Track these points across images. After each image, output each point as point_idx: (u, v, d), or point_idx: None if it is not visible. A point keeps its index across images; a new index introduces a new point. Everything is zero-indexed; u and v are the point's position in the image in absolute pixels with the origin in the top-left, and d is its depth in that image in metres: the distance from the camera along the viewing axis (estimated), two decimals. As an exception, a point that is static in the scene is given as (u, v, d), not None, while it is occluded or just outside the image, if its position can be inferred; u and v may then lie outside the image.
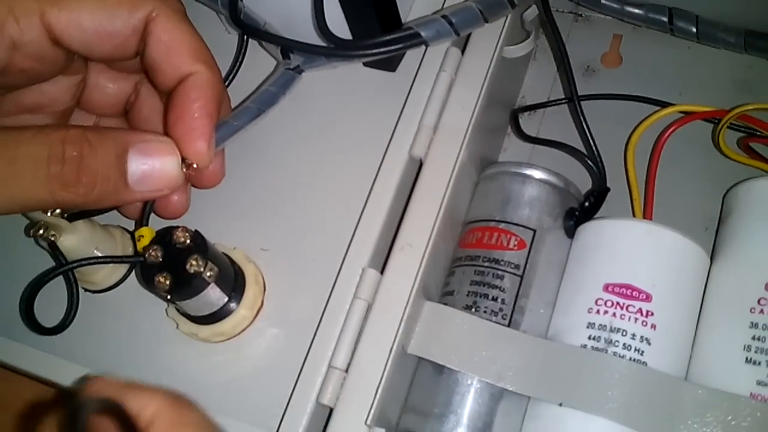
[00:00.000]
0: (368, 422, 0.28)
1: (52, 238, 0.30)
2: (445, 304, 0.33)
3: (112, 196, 0.26)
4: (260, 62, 0.36)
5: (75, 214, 0.30)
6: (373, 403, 0.28)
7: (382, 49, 0.32)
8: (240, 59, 0.35)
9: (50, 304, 0.31)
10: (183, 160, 0.27)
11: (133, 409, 0.19)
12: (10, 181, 0.24)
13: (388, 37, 0.32)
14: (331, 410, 0.28)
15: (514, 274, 0.33)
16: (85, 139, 0.24)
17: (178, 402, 0.20)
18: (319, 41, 0.33)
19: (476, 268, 0.34)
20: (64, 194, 0.24)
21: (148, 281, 0.28)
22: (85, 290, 0.32)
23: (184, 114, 0.27)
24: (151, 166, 0.25)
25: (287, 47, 0.34)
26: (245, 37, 0.35)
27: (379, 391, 0.28)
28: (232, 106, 0.33)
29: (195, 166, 0.27)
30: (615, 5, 0.41)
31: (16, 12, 0.25)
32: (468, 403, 0.31)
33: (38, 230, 0.30)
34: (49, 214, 0.30)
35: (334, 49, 0.33)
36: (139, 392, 0.20)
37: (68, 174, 0.24)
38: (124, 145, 0.25)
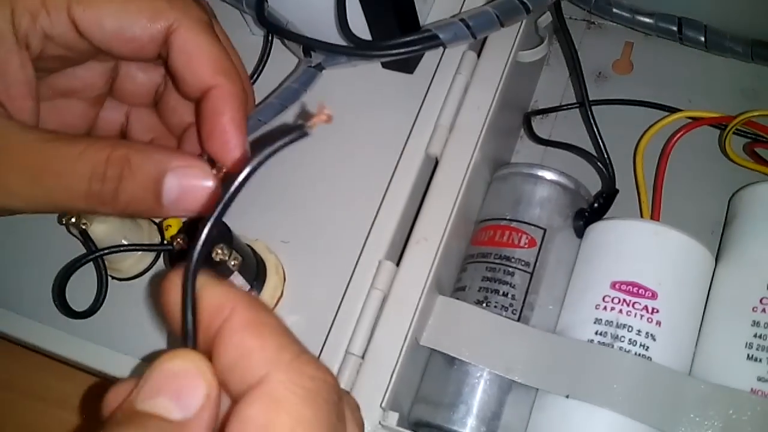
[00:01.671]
0: (383, 405, 0.29)
1: (84, 227, 0.31)
2: (457, 299, 0.34)
3: (145, 214, 0.27)
4: (284, 61, 0.37)
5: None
6: (388, 388, 0.29)
7: (402, 50, 0.34)
8: (265, 58, 0.36)
9: (77, 291, 0.33)
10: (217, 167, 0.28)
11: (211, 303, 0.19)
12: (55, 192, 0.25)
13: (408, 39, 0.33)
14: (348, 393, 0.30)
15: (525, 271, 0.34)
16: (127, 162, 0.25)
17: (255, 303, 0.20)
18: (339, 41, 0.34)
19: (488, 264, 0.35)
20: (100, 208, 0.26)
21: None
22: (112, 278, 0.34)
23: (215, 129, 0.28)
24: (186, 191, 0.26)
25: (310, 46, 0.35)
26: (270, 36, 0.37)
27: (394, 376, 0.29)
28: (256, 102, 0.34)
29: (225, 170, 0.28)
30: (626, 14, 0.41)
31: (47, 5, 0.27)
32: (478, 394, 0.32)
33: (70, 219, 0.31)
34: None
35: (356, 49, 0.34)
36: (219, 288, 0.20)
37: (107, 193, 0.25)
38: (162, 170, 0.26)
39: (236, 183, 0.19)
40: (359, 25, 0.34)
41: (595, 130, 0.36)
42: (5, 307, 0.33)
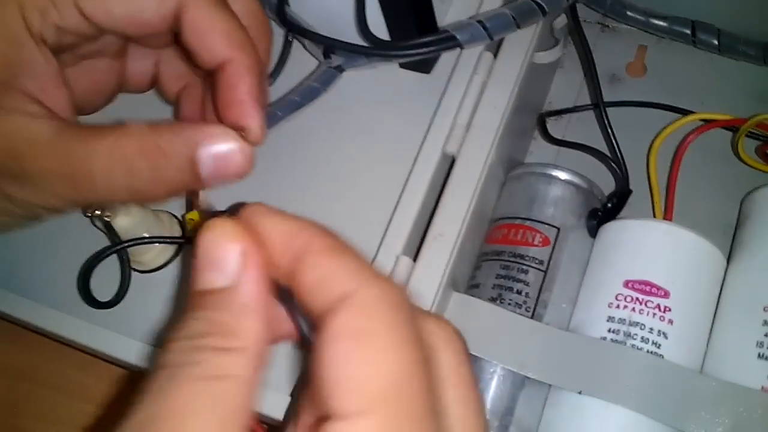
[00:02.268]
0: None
1: (107, 219, 0.32)
2: (471, 296, 0.34)
3: (185, 191, 0.28)
4: (303, 62, 0.38)
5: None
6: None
7: (420, 50, 0.34)
8: (285, 58, 0.37)
9: (99, 282, 0.33)
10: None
11: (284, 230, 0.20)
12: (96, 193, 0.26)
13: (426, 39, 0.34)
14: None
15: (538, 269, 0.35)
16: (159, 150, 0.26)
17: (331, 231, 0.20)
18: (357, 43, 0.35)
19: (502, 262, 0.35)
20: (144, 198, 0.27)
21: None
22: (134, 270, 0.34)
23: (232, 100, 0.28)
24: (220, 159, 0.26)
25: (330, 46, 0.35)
26: (289, 37, 0.37)
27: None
28: (276, 98, 0.35)
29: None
30: (640, 17, 0.42)
31: (54, 0, 0.27)
32: (491, 389, 0.33)
33: (95, 211, 0.32)
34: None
35: (375, 49, 0.34)
36: (293, 218, 0.20)
37: (146, 184, 0.26)
38: (194, 147, 0.26)
39: None
40: (378, 27, 0.35)
41: (610, 131, 0.37)
42: (30, 297, 0.34)
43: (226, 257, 0.19)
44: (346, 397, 0.17)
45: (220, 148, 0.26)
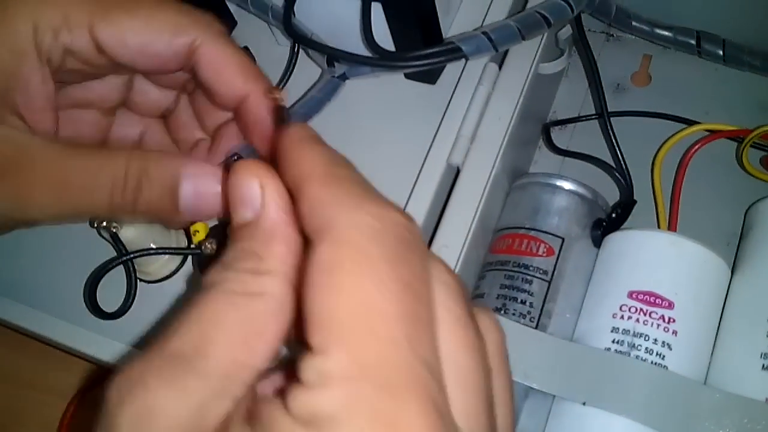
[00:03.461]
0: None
1: (114, 230, 0.32)
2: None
3: (164, 219, 0.28)
4: (310, 72, 0.38)
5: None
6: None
7: (425, 61, 0.34)
8: (292, 68, 0.37)
9: (105, 292, 0.33)
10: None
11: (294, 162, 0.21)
12: (79, 205, 0.27)
13: (431, 50, 0.34)
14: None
15: (543, 279, 0.35)
16: (145, 173, 0.27)
17: (334, 157, 0.22)
18: (362, 53, 0.35)
19: (506, 272, 0.35)
20: (122, 216, 0.28)
21: (204, 271, 0.30)
22: (141, 280, 0.35)
23: (264, 132, 0.29)
24: (201, 196, 0.27)
25: (335, 56, 0.36)
26: (296, 46, 0.37)
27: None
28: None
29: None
30: (645, 27, 0.42)
31: (70, 22, 0.27)
32: (495, 400, 0.33)
33: (101, 222, 0.32)
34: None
35: (379, 59, 0.34)
36: (308, 148, 0.22)
37: (127, 203, 0.27)
38: (177, 178, 0.27)
39: None
40: (383, 37, 0.35)
41: (614, 141, 0.37)
42: (37, 307, 0.34)
43: (250, 192, 0.20)
44: (317, 333, 0.17)
45: (203, 186, 0.27)
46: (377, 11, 0.34)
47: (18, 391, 0.42)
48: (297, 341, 0.19)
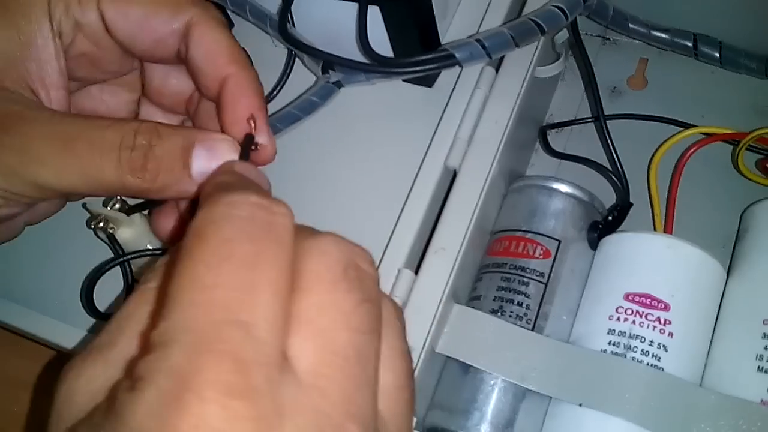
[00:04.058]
0: (402, 410, 0.30)
1: (111, 231, 0.32)
2: (472, 308, 0.34)
3: (174, 186, 0.27)
4: (307, 75, 0.38)
5: (132, 207, 0.33)
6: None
7: (419, 68, 0.34)
8: (289, 70, 0.37)
9: (102, 293, 0.34)
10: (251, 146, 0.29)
11: None
12: (86, 160, 0.26)
13: (425, 57, 0.34)
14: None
15: (539, 281, 0.35)
16: (155, 131, 0.27)
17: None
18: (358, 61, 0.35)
19: (503, 274, 0.35)
20: (130, 179, 0.27)
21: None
22: (137, 282, 0.35)
23: (236, 114, 0.29)
24: (214, 161, 0.27)
25: (328, 60, 0.36)
26: (293, 52, 0.37)
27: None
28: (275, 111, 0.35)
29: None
30: (642, 29, 0.42)
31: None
32: (492, 401, 0.33)
33: (98, 223, 0.32)
34: (108, 208, 0.32)
35: (374, 66, 0.35)
36: None
37: (136, 160, 0.26)
38: (190, 140, 0.27)
39: None
40: (379, 44, 0.35)
41: (610, 144, 0.37)
42: (33, 308, 0.34)
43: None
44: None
45: (217, 151, 0.27)
46: (374, 17, 0.34)
47: (15, 393, 0.42)
48: None
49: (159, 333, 0.17)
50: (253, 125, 0.28)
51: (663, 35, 0.41)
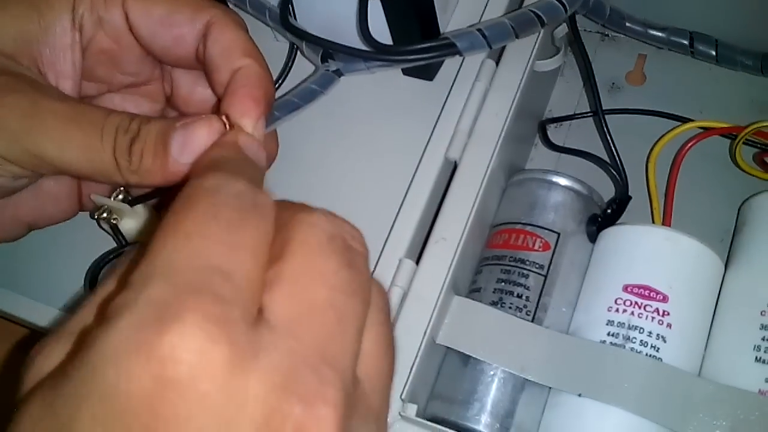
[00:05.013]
0: (403, 397, 0.30)
1: (114, 221, 0.32)
2: (473, 299, 0.35)
3: (159, 170, 0.28)
4: (308, 69, 0.38)
5: (136, 198, 0.33)
6: (408, 379, 0.30)
7: (419, 56, 0.35)
8: (290, 63, 0.37)
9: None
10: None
11: None
12: (89, 139, 0.27)
13: (425, 45, 0.34)
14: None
15: (539, 273, 0.35)
16: (146, 120, 0.28)
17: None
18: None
19: (503, 267, 0.35)
20: (122, 161, 0.28)
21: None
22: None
23: (233, 98, 0.29)
24: (189, 140, 0.27)
25: (330, 49, 0.36)
26: (294, 47, 0.38)
27: (414, 368, 0.30)
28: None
29: None
30: (638, 28, 0.42)
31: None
32: (492, 392, 0.33)
33: (102, 213, 0.32)
34: (112, 198, 0.32)
35: (374, 53, 0.35)
36: None
37: (125, 142, 0.28)
38: (171, 123, 0.28)
39: None
40: (380, 37, 0.35)
41: (609, 138, 0.37)
42: (36, 299, 0.34)
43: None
44: None
45: (192, 132, 0.27)
46: (375, 8, 0.35)
47: (16, 385, 0.42)
48: None
49: (138, 273, 0.18)
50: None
51: (660, 34, 0.42)
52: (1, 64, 0.28)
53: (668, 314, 0.32)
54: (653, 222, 0.38)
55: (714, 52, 0.41)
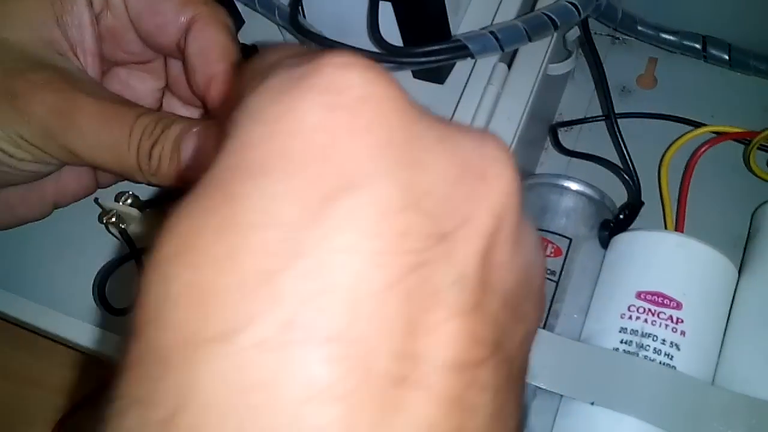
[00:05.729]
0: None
1: (123, 227, 0.32)
2: (483, 306, 0.35)
3: (175, 174, 0.29)
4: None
5: (145, 203, 0.32)
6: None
7: (431, 58, 0.34)
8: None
9: (114, 289, 0.33)
10: None
11: None
12: (119, 141, 0.28)
13: (437, 47, 0.34)
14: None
15: (550, 279, 0.35)
16: (168, 123, 0.28)
17: None
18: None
19: (514, 272, 0.35)
20: (143, 164, 0.28)
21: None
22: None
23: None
24: (199, 148, 0.28)
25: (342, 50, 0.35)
26: (303, 45, 0.37)
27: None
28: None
29: None
30: (650, 32, 0.42)
31: None
32: (503, 399, 0.33)
33: (110, 218, 0.32)
34: (120, 203, 0.32)
35: (384, 55, 0.34)
36: None
37: (147, 146, 0.28)
38: (185, 129, 0.28)
39: None
40: (390, 35, 0.35)
41: (621, 142, 0.37)
42: (45, 303, 0.34)
43: None
44: None
45: (204, 138, 0.28)
46: (386, 12, 0.34)
47: (24, 390, 0.42)
48: None
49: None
50: None
51: (671, 38, 0.42)
52: (42, 55, 0.29)
53: (682, 322, 0.32)
54: (666, 227, 0.37)
55: (727, 57, 0.41)
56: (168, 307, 0.14)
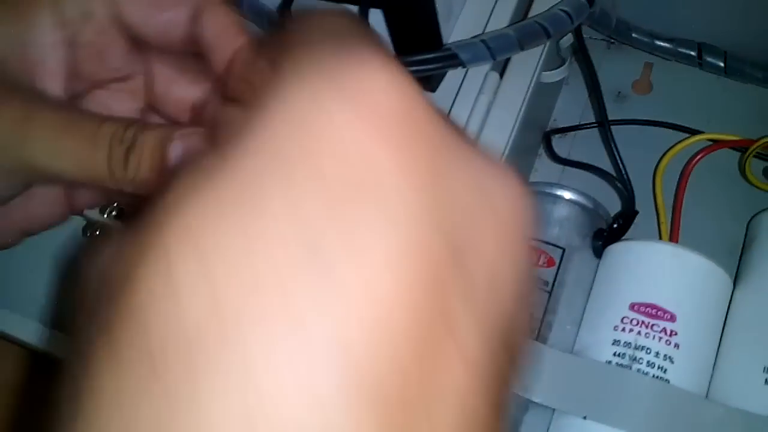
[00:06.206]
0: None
1: (108, 240, 0.32)
2: (475, 317, 0.34)
3: (156, 180, 0.27)
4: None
5: (130, 215, 0.32)
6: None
7: (420, 67, 0.34)
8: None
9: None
10: None
11: None
12: (82, 149, 0.27)
13: (428, 56, 0.34)
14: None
15: (543, 290, 0.34)
16: (140, 128, 0.27)
17: None
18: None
19: (506, 283, 0.35)
20: (116, 171, 0.27)
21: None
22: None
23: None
24: (188, 148, 0.27)
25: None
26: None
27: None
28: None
29: None
30: (645, 39, 0.41)
31: None
32: (495, 413, 0.33)
33: (95, 231, 0.32)
34: (105, 216, 0.32)
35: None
36: None
37: (121, 152, 0.27)
38: (169, 134, 0.27)
39: None
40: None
41: (615, 150, 0.37)
42: (27, 315, 0.34)
43: None
44: None
45: (193, 143, 0.27)
46: (377, 20, 0.34)
47: (15, 402, 0.42)
48: None
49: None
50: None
51: (667, 45, 0.41)
52: None
53: (676, 334, 0.32)
54: (660, 237, 0.37)
55: (723, 64, 0.40)
56: (166, 299, 0.13)
